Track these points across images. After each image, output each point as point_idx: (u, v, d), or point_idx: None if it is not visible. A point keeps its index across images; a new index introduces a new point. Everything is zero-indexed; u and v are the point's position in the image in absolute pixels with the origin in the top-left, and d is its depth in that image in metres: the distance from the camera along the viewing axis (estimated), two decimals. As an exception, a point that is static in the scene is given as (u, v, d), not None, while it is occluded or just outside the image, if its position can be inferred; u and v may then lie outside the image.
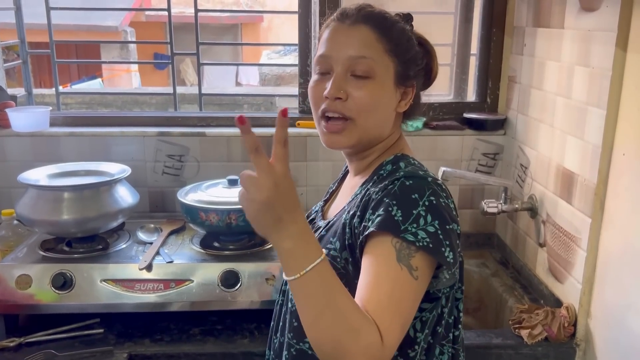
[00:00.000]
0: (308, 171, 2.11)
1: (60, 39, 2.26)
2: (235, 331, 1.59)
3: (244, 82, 9.96)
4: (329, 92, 1.00)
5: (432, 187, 0.95)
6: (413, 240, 0.89)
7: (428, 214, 0.91)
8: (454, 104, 2.22)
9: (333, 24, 1.04)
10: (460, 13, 2.23)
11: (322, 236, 1.07)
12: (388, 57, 1.01)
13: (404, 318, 0.88)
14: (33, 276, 1.55)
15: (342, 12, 1.05)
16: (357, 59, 1.00)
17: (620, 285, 1.42)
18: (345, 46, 1.01)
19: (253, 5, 10.55)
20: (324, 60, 1.03)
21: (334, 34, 1.03)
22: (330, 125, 1.02)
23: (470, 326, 2.08)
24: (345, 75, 1.00)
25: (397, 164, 1.03)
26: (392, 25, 1.03)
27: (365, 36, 1.01)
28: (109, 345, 1.51)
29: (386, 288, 0.87)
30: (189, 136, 2.07)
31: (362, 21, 1.01)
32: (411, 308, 0.90)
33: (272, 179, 0.81)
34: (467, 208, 2.19)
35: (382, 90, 1.01)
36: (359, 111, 1.00)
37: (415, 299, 0.91)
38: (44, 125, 2.05)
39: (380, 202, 0.94)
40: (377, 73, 1.00)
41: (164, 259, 1.61)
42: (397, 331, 0.86)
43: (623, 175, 1.41)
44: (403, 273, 0.88)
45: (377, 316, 0.84)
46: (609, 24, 1.41)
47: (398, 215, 0.91)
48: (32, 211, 1.64)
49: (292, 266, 0.83)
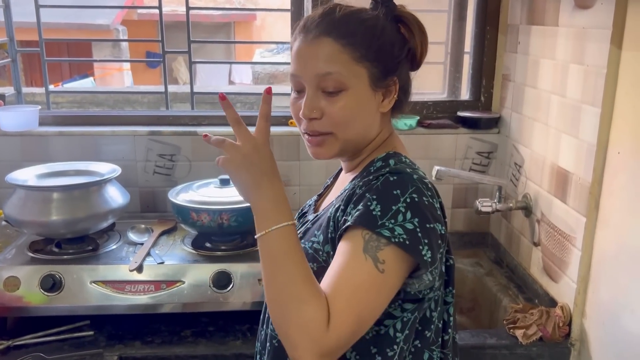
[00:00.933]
0: (301, 170, 2.10)
1: (51, 37, 2.23)
2: (228, 332, 1.58)
3: (237, 80, 9.93)
4: (303, 114, 0.98)
5: (416, 184, 0.93)
6: (388, 236, 0.88)
7: (408, 211, 0.90)
8: (447, 102, 2.21)
9: (299, 39, 1.00)
10: (454, 11, 2.21)
11: (308, 229, 1.07)
12: (357, 64, 0.97)
13: (359, 308, 0.87)
14: (21, 278, 1.53)
15: (304, 24, 1.00)
16: (324, 75, 0.96)
17: (615, 284, 1.42)
18: (311, 64, 0.97)
19: (245, 4, 10.52)
20: (295, 79, 1.01)
21: (299, 51, 0.99)
22: (312, 139, 1.01)
23: (465, 326, 2.07)
24: (317, 93, 0.98)
25: (387, 161, 1.02)
26: (356, 28, 0.98)
27: (329, 50, 0.96)
28: (99, 348, 1.49)
29: (346, 276, 0.88)
30: (180, 135, 2.05)
31: (324, 34, 0.97)
32: (372, 300, 0.88)
33: (251, 143, 0.92)
34: (461, 207, 2.17)
35: (357, 99, 0.98)
36: (336, 125, 0.98)
37: (379, 292, 0.89)
38: (32, 124, 2.02)
39: (362, 196, 0.94)
40: (349, 84, 0.97)
41: (155, 260, 1.59)
42: (349, 319, 0.86)
43: (618, 174, 1.40)
44: (367, 264, 0.88)
45: (331, 300, 0.86)
46: (604, 22, 1.40)
47: (377, 210, 0.90)
48: (20, 212, 1.61)
49: (261, 225, 0.91)
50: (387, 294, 0.90)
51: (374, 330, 0.96)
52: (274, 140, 2.06)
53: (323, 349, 0.84)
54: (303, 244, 1.03)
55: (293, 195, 2.12)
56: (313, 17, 1.00)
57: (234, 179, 0.94)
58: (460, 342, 1.55)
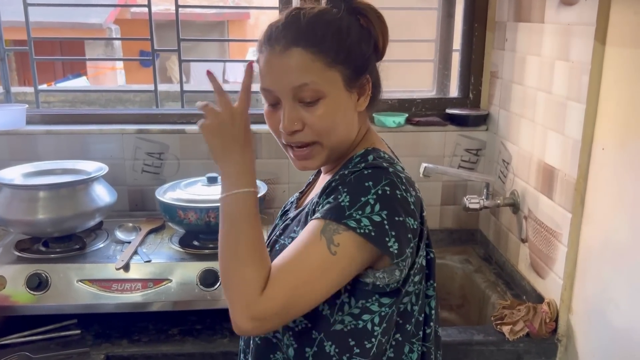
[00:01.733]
0: (290, 168, 2.10)
1: (43, 36, 2.22)
2: (215, 331, 1.58)
3: (231, 79, 9.90)
4: (284, 128, 0.97)
5: (390, 177, 0.93)
6: (354, 227, 0.89)
7: (377, 203, 0.90)
8: (436, 99, 2.21)
9: (265, 52, 0.98)
10: (443, 9, 2.21)
11: (287, 225, 1.07)
12: (330, 70, 0.96)
13: (297, 281, 0.89)
14: (8, 277, 1.52)
15: (269, 36, 0.98)
16: (300, 87, 0.95)
17: (600, 280, 1.42)
18: (284, 77, 0.95)
19: (239, 2, 10.50)
20: (268, 94, 0.99)
21: (269, 65, 0.97)
22: (297, 153, 1.00)
23: (454, 322, 2.08)
24: (294, 105, 0.96)
25: (365, 157, 1.01)
26: (324, 33, 0.96)
27: (301, 61, 0.94)
28: (86, 347, 1.49)
29: (296, 251, 0.91)
30: (168, 133, 2.04)
31: (292, 44, 0.95)
32: (315, 278, 0.90)
33: (229, 111, 0.97)
34: (449, 204, 2.18)
35: (335, 104, 0.97)
36: (320, 134, 0.98)
37: (324, 272, 0.90)
38: (20, 123, 2.01)
39: (335, 189, 0.95)
40: (325, 92, 0.96)
41: (142, 259, 1.59)
42: (283, 290, 0.88)
43: (603, 170, 1.40)
44: (320, 243, 0.90)
45: (274, 270, 0.90)
46: (588, 18, 1.41)
47: (345, 201, 0.91)
48: (6, 211, 1.61)
49: (225, 187, 0.96)
50: (334, 276, 0.91)
51: (352, 323, 0.96)
52: (262, 138, 2.06)
53: (253, 313, 0.88)
54: (282, 240, 1.04)
55: (282, 193, 2.11)
56: (277, 26, 0.98)
57: (209, 142, 0.98)
58: (448, 338, 1.56)
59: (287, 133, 0.98)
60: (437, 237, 2.18)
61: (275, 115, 0.99)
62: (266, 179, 1.96)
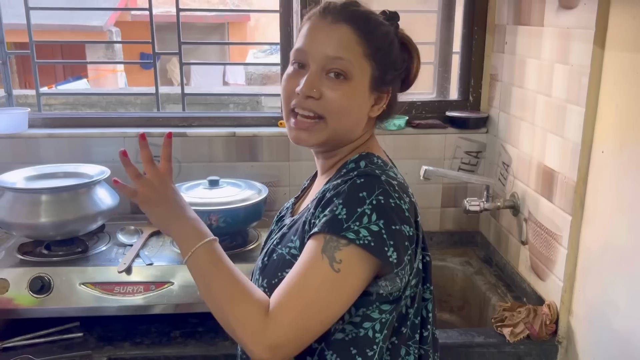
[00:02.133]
0: (291, 171, 2.10)
1: (44, 39, 2.23)
2: (217, 333, 1.58)
3: (231, 81, 9.93)
4: (302, 89, 0.98)
5: (383, 186, 0.94)
6: (353, 238, 0.89)
7: (373, 213, 0.91)
8: (436, 102, 2.22)
9: (314, 19, 1.01)
10: (443, 12, 2.22)
11: (284, 234, 1.07)
12: (366, 60, 0.99)
13: (305, 304, 0.89)
14: (10, 280, 1.53)
15: (325, 7, 1.01)
16: (334, 59, 0.97)
17: (600, 282, 1.43)
18: (324, 44, 0.98)
19: (239, 5, 10.52)
20: (301, 54, 1.00)
21: (313, 30, 1.00)
22: (299, 122, 1.00)
23: (455, 325, 2.09)
24: (320, 74, 0.98)
25: (358, 163, 1.02)
26: (375, 28, 1.00)
27: (345, 37, 0.98)
28: (88, 349, 1.49)
29: (299, 273, 0.91)
30: (170, 137, 2.05)
31: (344, 20, 0.98)
32: (322, 297, 0.90)
33: (159, 177, 1.02)
34: (450, 206, 2.19)
35: (356, 93, 0.99)
36: (331, 112, 0.99)
37: (333, 291, 0.90)
38: (22, 127, 2.02)
39: (330, 201, 0.95)
40: (353, 75, 0.98)
41: (144, 261, 1.59)
42: (293, 313, 0.88)
43: (602, 173, 1.41)
44: (322, 263, 0.89)
45: (276, 295, 0.91)
46: (587, 22, 1.41)
47: (342, 214, 0.91)
48: (9, 214, 1.62)
49: (186, 248, 0.97)
50: (342, 292, 0.91)
51: (353, 332, 0.97)
52: (263, 140, 2.07)
53: (268, 340, 0.87)
54: (280, 249, 1.03)
55: (283, 195, 2.12)
56: (334, 3, 1.02)
57: (153, 213, 1.02)
58: (448, 340, 1.57)
59: (302, 96, 0.98)
60: (437, 239, 2.18)
61: (296, 78, 1.00)
62: (267, 182, 1.97)
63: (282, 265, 1.00)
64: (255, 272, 1.08)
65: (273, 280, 1.00)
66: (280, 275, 0.99)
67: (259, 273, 1.05)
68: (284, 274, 0.98)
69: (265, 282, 1.01)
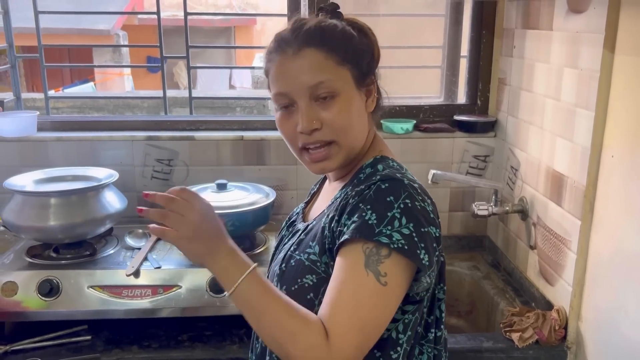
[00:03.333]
0: (298, 175, 2.10)
1: (52, 42, 2.24)
2: (224, 337, 1.58)
3: (238, 85, 9.95)
4: (303, 128, 0.98)
5: (408, 189, 0.94)
6: (387, 242, 0.89)
7: (403, 217, 0.91)
8: (444, 106, 2.22)
9: (276, 58, 1.01)
10: (450, 15, 2.22)
11: (301, 240, 1.06)
12: (342, 68, 0.99)
13: (362, 322, 0.88)
14: (19, 283, 1.53)
15: (279, 43, 1.01)
16: (316, 86, 0.97)
17: (610, 287, 1.42)
18: (299, 77, 0.98)
19: (246, 8, 10.54)
20: (284, 97, 1.00)
21: (282, 68, 0.99)
22: (315, 155, 1.01)
23: (462, 329, 2.08)
24: (311, 104, 0.98)
25: (375, 167, 1.03)
26: (332, 34, 1.00)
27: (314, 59, 0.98)
28: (97, 353, 1.50)
29: (347, 293, 0.89)
30: (177, 140, 2.06)
31: (304, 45, 0.98)
32: (377, 313, 0.90)
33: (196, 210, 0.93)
34: (457, 211, 2.18)
35: (349, 102, 1.00)
36: (337, 132, 0.99)
37: (384, 304, 0.90)
38: (31, 130, 2.03)
39: (356, 207, 0.94)
40: (339, 89, 0.99)
41: (152, 265, 1.60)
42: (353, 335, 0.87)
43: (612, 177, 1.40)
44: (368, 279, 0.89)
45: (331, 320, 0.88)
46: (597, 26, 1.41)
47: (372, 219, 0.91)
48: (18, 217, 1.62)
49: (228, 282, 0.92)
50: (392, 304, 0.92)
51: None
52: (271, 144, 2.07)
53: None
54: (298, 255, 1.03)
55: (290, 199, 2.12)
56: (285, 34, 1.01)
57: (191, 251, 0.93)
58: (457, 345, 1.56)
59: (306, 132, 0.98)
60: (445, 243, 2.16)
61: (290, 120, 1.00)
62: (274, 186, 1.97)
63: (302, 271, 1.00)
64: (272, 279, 1.07)
65: (293, 287, 1.00)
66: (300, 281, 0.99)
67: (277, 280, 1.04)
68: (304, 280, 0.99)
69: (285, 289, 1.01)
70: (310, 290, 0.98)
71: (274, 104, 1.03)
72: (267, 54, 1.04)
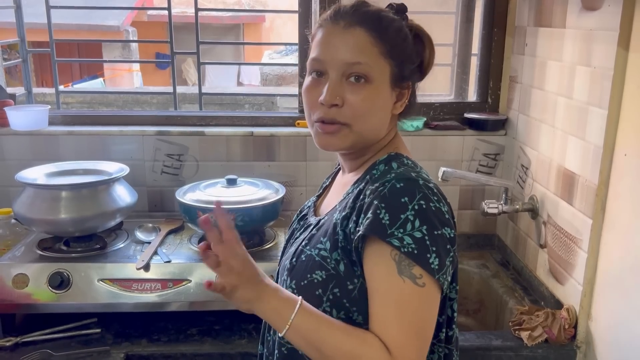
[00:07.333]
0: (307, 171, 2.10)
1: (62, 38, 2.25)
2: (233, 331, 1.59)
3: (246, 82, 9.96)
4: (325, 99, 0.97)
5: (422, 190, 0.93)
6: (398, 245, 0.89)
7: (416, 219, 0.90)
8: (454, 104, 2.21)
9: (327, 25, 1.00)
10: (462, 13, 2.21)
11: (313, 235, 1.05)
12: (384, 60, 0.99)
13: (415, 327, 0.89)
14: (30, 275, 1.54)
15: (335, 12, 1.01)
16: (353, 64, 0.97)
17: (621, 287, 1.41)
18: (340, 51, 0.98)
19: (255, 5, 10.55)
20: (318, 63, 1.00)
21: (327, 37, 0.99)
22: (326, 126, 1.00)
23: (471, 327, 2.07)
24: (341, 80, 0.98)
25: (389, 164, 1.02)
26: (388, 26, 1.00)
27: (361, 40, 0.97)
28: (106, 345, 1.50)
29: (391, 305, 0.89)
30: (188, 135, 2.06)
31: (357, 23, 0.98)
32: (425, 314, 0.91)
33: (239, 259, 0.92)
34: (467, 209, 2.17)
35: (378, 94, 0.99)
36: (355, 117, 0.98)
37: (429, 303, 0.91)
38: (42, 124, 2.04)
39: (370, 204, 0.94)
40: (373, 77, 0.98)
41: (162, 259, 1.60)
42: (412, 342, 0.88)
43: (624, 176, 1.39)
44: (407, 285, 0.89)
45: (386, 335, 0.88)
46: (611, 24, 1.40)
47: (385, 218, 0.91)
48: (29, 210, 1.63)
49: (280, 322, 0.91)
50: (435, 300, 0.93)
51: None
52: (280, 140, 2.07)
53: None
54: (309, 250, 1.02)
55: (300, 195, 2.12)
56: (344, 7, 1.01)
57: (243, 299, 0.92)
58: (466, 343, 1.56)
59: (326, 105, 0.98)
60: (454, 241, 2.17)
61: (317, 88, 1.00)
62: (284, 182, 1.97)
63: (312, 266, 0.99)
64: (283, 273, 1.07)
65: (302, 282, 1.00)
66: (310, 277, 0.99)
67: (287, 274, 1.04)
68: (313, 275, 0.98)
69: (294, 283, 1.01)
70: (319, 287, 0.98)
71: (307, 69, 1.03)
72: (319, 20, 1.04)
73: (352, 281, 0.96)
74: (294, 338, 0.92)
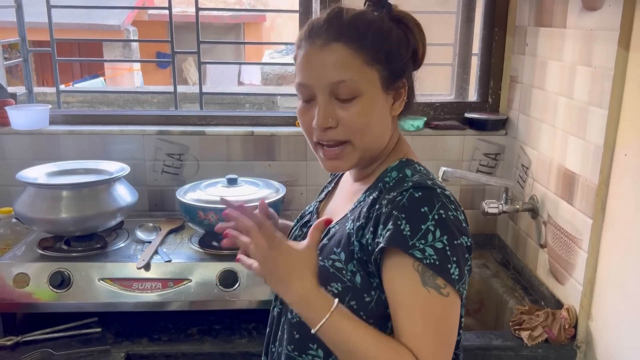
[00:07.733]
0: (308, 170, 2.10)
1: (62, 37, 2.25)
2: (234, 331, 1.59)
3: (246, 81, 9.96)
4: (318, 123, 0.95)
5: (441, 199, 0.92)
6: (420, 257, 0.88)
7: (437, 229, 0.89)
8: (455, 103, 2.21)
9: (304, 46, 0.97)
10: (462, 12, 2.21)
11: (324, 245, 1.02)
12: (369, 68, 0.95)
13: (443, 336, 0.90)
14: (31, 275, 1.54)
15: (310, 31, 0.97)
16: (338, 83, 0.94)
17: (621, 287, 1.41)
18: (322, 72, 0.94)
19: (255, 5, 10.55)
20: (304, 89, 0.97)
21: (307, 58, 0.96)
22: (328, 152, 0.99)
23: (471, 327, 2.07)
24: (330, 100, 0.95)
25: (403, 171, 0.99)
26: (366, 31, 0.95)
27: (340, 55, 0.94)
28: (107, 345, 1.51)
29: (418, 316, 0.89)
30: (188, 135, 2.06)
31: (333, 39, 0.94)
32: (451, 323, 0.91)
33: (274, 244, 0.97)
34: (467, 208, 2.17)
35: (371, 104, 0.96)
36: (353, 132, 0.96)
37: (453, 312, 0.91)
38: (43, 123, 2.04)
39: (390, 215, 0.91)
40: (362, 89, 0.94)
41: (163, 258, 1.60)
42: (441, 352, 0.89)
43: (625, 176, 1.40)
44: (432, 295, 0.88)
45: (415, 346, 0.88)
46: (612, 23, 1.40)
47: (406, 229, 0.89)
48: (30, 209, 1.63)
49: (314, 318, 0.92)
50: (458, 308, 0.93)
51: None
52: (281, 140, 2.07)
53: None
54: (322, 261, 1.00)
55: (300, 195, 2.12)
56: (318, 22, 0.97)
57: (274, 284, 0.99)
58: (466, 342, 1.56)
59: (320, 129, 0.96)
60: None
61: (309, 112, 0.98)
62: (284, 181, 1.97)
63: (327, 278, 0.97)
64: None
65: None
66: (325, 289, 0.96)
67: None
68: (328, 287, 0.96)
69: None
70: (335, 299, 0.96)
71: (297, 93, 1.01)
72: (297, 40, 1.00)
73: (369, 293, 0.95)
74: (325, 335, 0.92)
